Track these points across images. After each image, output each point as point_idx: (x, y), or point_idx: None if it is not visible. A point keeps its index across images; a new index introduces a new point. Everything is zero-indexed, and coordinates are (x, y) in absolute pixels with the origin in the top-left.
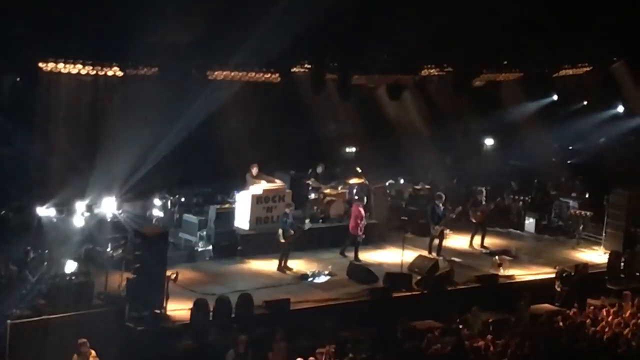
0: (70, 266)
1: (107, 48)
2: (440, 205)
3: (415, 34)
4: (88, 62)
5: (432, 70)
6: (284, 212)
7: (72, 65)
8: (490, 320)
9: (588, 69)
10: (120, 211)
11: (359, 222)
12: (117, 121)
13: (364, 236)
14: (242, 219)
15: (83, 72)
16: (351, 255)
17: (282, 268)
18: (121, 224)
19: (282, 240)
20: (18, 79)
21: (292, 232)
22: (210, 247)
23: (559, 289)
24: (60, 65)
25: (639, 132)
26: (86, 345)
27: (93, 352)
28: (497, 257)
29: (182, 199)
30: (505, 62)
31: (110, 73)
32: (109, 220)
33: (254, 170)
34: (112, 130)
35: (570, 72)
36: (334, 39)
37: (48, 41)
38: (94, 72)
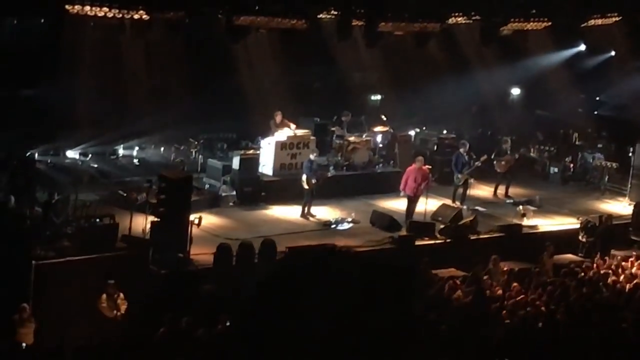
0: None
1: None
2: (465, 154)
3: None
4: (114, 4)
5: (459, 19)
6: (308, 158)
7: (98, 8)
8: (513, 270)
9: (617, 18)
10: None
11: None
12: (143, 66)
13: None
14: (266, 165)
15: (109, 14)
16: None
17: (306, 214)
18: (146, 167)
19: (306, 187)
20: (43, 21)
21: (316, 179)
22: (234, 193)
23: (583, 240)
24: (87, 8)
25: None
26: (114, 286)
27: (121, 295)
28: (521, 207)
29: (207, 144)
30: (534, 11)
31: (136, 16)
32: (134, 163)
33: (278, 118)
34: (137, 75)
35: (599, 22)
36: None
37: None
38: (120, 15)
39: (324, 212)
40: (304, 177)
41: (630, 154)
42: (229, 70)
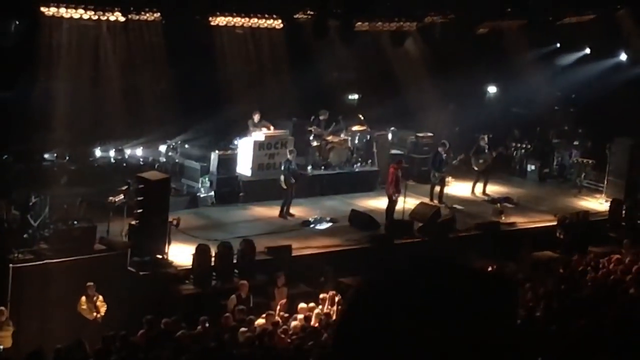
0: None
1: None
2: (443, 152)
3: None
4: (90, 6)
5: (435, 17)
6: (286, 158)
7: (73, 10)
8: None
9: (592, 16)
10: (122, 157)
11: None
12: (119, 67)
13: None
14: (244, 166)
15: (85, 16)
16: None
17: (284, 214)
18: (124, 169)
19: (284, 187)
20: (17, 23)
21: (294, 179)
22: (212, 194)
23: (560, 237)
24: (62, 10)
25: None
26: (93, 288)
27: (100, 297)
28: (498, 204)
29: (185, 145)
30: (509, 9)
31: (112, 18)
32: (111, 165)
33: (256, 117)
34: (113, 76)
35: (574, 19)
36: None
37: None
38: (96, 16)
39: (302, 212)
40: (282, 177)
41: (607, 151)
42: (206, 70)
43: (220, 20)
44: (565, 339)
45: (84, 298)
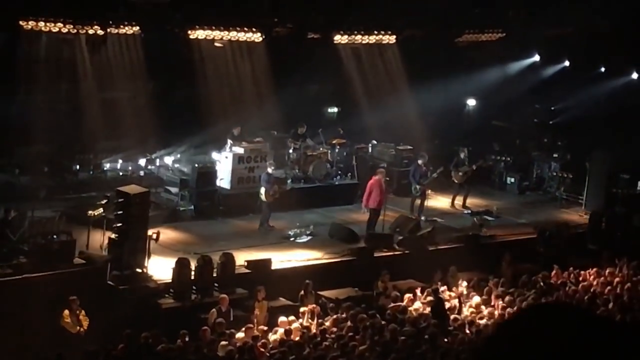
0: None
1: (88, 6)
2: (422, 165)
3: None
4: (69, 20)
5: (414, 31)
6: (265, 171)
7: (52, 24)
8: (472, 280)
9: (570, 29)
10: (101, 170)
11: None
12: (98, 80)
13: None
14: (223, 179)
15: (64, 30)
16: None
17: (264, 228)
18: (103, 182)
19: (264, 200)
20: None
21: (273, 192)
22: (192, 207)
23: (540, 249)
24: (41, 24)
25: (622, 93)
26: (77, 302)
27: (83, 311)
28: (478, 217)
29: (164, 159)
30: (488, 22)
31: (91, 32)
32: (91, 179)
33: (236, 131)
34: (92, 90)
35: (553, 32)
36: None
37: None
38: (75, 30)
39: (282, 225)
40: (262, 190)
41: (586, 164)
42: (186, 83)
43: (199, 34)
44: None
45: (67, 312)
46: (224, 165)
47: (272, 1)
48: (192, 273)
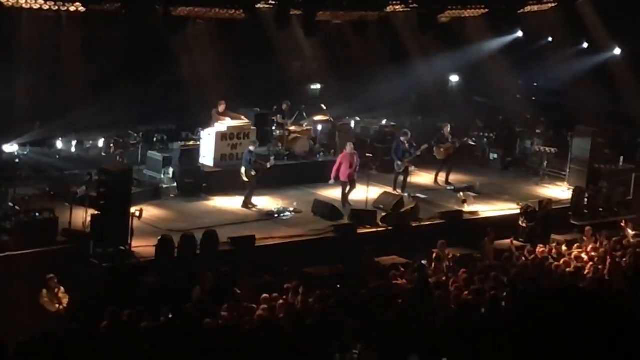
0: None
1: None
2: (405, 141)
3: None
4: None
5: (397, 7)
6: (247, 149)
7: (33, 1)
8: (455, 256)
9: (553, 4)
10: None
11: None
12: (80, 58)
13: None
14: (206, 156)
15: (45, 7)
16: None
17: (247, 205)
18: (85, 160)
19: (245, 179)
20: None
21: (255, 171)
22: (175, 185)
23: (523, 225)
24: (22, 1)
25: (603, 69)
26: (54, 280)
27: (62, 288)
28: (461, 193)
29: (147, 136)
30: None
31: (72, 9)
32: (73, 156)
33: (221, 108)
34: (75, 68)
35: (535, 8)
36: None
37: None
38: (56, 7)
39: (265, 202)
40: (243, 169)
41: (569, 139)
42: (168, 61)
43: (182, 11)
44: (529, 326)
45: (45, 290)
46: (206, 142)
47: None
48: (175, 250)
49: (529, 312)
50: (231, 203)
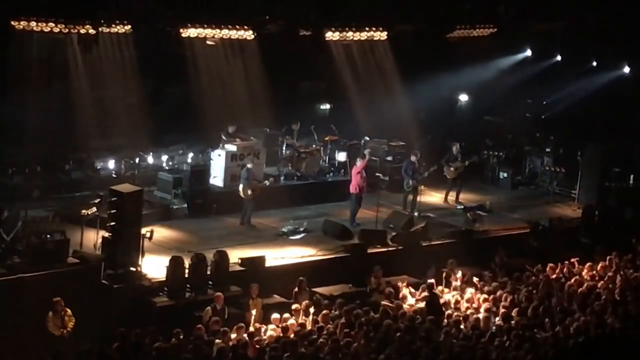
0: None
1: (79, 6)
2: (415, 161)
3: None
4: (60, 19)
5: (405, 26)
6: (245, 167)
7: (44, 24)
8: (465, 275)
9: (562, 24)
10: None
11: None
12: (90, 80)
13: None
14: (217, 177)
15: (55, 30)
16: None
17: (245, 223)
18: (96, 181)
19: (242, 197)
20: None
21: (251, 189)
22: (185, 205)
23: (533, 244)
24: (33, 23)
25: (613, 87)
26: (61, 303)
27: (69, 311)
28: (471, 212)
29: (157, 157)
30: (479, 17)
31: (82, 31)
32: (84, 178)
33: (231, 129)
34: (84, 89)
35: (544, 27)
36: None
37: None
38: (67, 30)
39: (275, 222)
40: (241, 186)
41: (578, 158)
42: (178, 82)
43: (191, 32)
44: (539, 346)
45: (50, 314)
46: (217, 163)
47: None
48: (186, 271)
49: (540, 331)
50: None
